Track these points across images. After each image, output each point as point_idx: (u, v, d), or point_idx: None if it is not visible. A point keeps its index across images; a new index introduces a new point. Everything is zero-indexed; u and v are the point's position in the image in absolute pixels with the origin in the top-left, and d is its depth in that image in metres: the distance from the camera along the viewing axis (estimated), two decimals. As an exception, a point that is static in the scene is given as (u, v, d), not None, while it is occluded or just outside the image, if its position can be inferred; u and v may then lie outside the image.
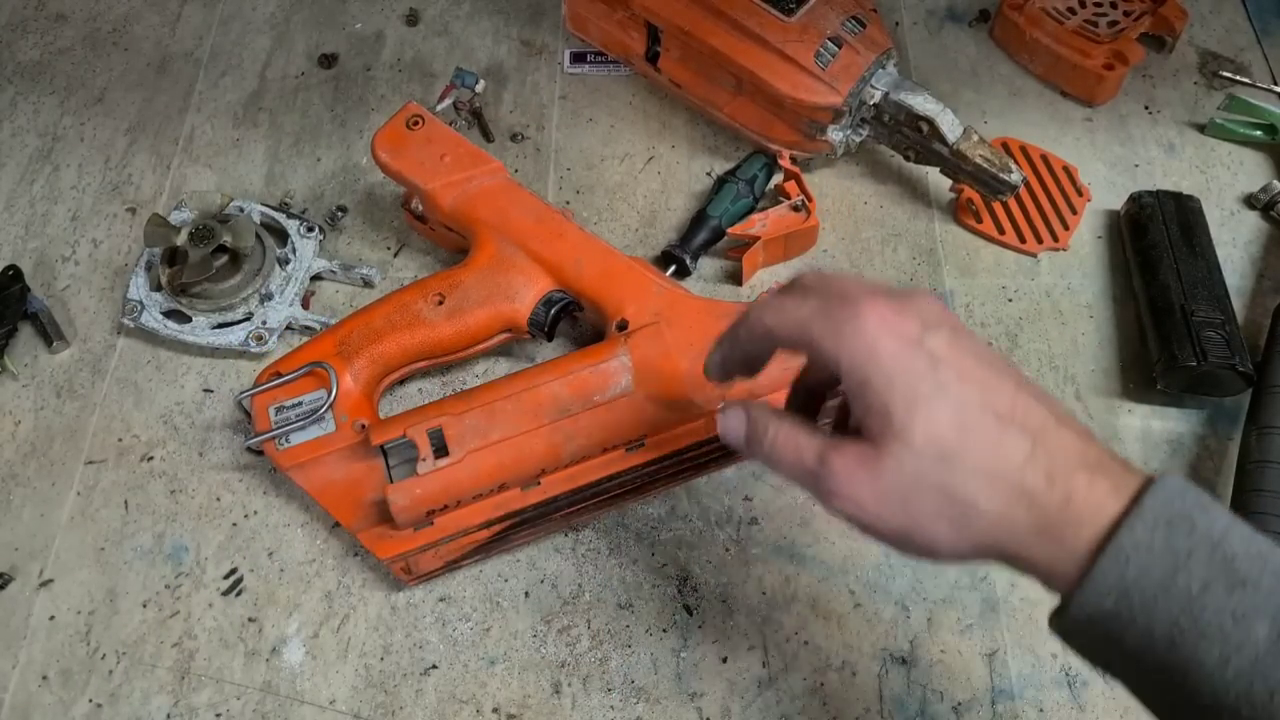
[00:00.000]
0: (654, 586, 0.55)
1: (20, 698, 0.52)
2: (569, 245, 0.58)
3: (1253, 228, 0.68)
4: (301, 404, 0.55)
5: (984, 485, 0.33)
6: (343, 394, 0.55)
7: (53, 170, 0.71)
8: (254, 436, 0.54)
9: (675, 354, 0.54)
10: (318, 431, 0.54)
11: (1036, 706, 0.52)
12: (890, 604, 0.55)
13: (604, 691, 0.52)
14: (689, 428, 0.54)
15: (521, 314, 0.58)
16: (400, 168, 0.61)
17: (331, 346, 0.56)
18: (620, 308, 0.56)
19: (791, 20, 0.63)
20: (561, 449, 0.52)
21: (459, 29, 0.78)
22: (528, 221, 0.59)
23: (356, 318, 0.58)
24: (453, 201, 0.60)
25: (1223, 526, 0.31)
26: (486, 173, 0.60)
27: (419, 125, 0.61)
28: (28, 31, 0.78)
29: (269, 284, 0.63)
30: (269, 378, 0.55)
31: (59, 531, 0.57)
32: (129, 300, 0.62)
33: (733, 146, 0.71)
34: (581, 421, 0.52)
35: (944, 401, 0.33)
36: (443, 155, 0.60)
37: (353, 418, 0.54)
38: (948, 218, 0.69)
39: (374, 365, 0.56)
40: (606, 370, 0.53)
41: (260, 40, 0.77)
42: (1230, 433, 0.60)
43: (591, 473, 0.53)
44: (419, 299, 0.57)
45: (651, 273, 0.58)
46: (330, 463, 0.54)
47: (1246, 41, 0.78)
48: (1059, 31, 0.72)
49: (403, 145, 0.61)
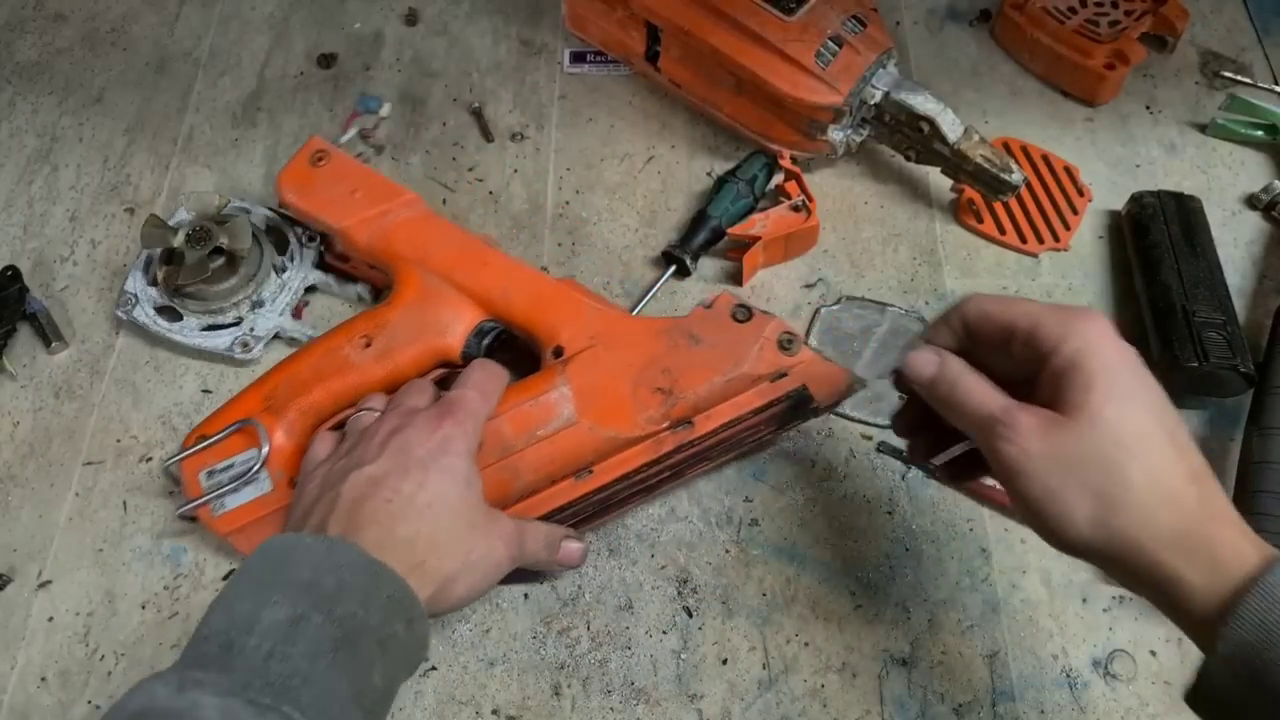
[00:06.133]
0: (654, 587, 0.55)
1: (19, 699, 0.52)
2: (495, 273, 0.57)
3: (1254, 228, 0.68)
4: (233, 465, 0.53)
5: (1145, 480, 0.36)
6: (276, 450, 0.53)
7: (51, 170, 0.71)
8: (185, 505, 0.53)
9: (615, 377, 0.53)
10: (253, 493, 0.53)
11: (1037, 708, 0.52)
12: (891, 605, 0.54)
13: (604, 693, 0.52)
14: (637, 450, 0.53)
15: (454, 347, 0.56)
16: (309, 208, 0.58)
17: (259, 402, 0.55)
18: (554, 334, 0.55)
19: (792, 20, 0.63)
20: (509, 487, 0.51)
21: (458, 29, 0.78)
22: (450, 252, 0.57)
23: (282, 369, 0.56)
24: (369, 238, 0.58)
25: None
26: (402, 205, 0.58)
27: (324, 160, 0.59)
28: (26, 31, 0.78)
29: (262, 291, 0.62)
30: (195, 440, 0.54)
31: (57, 532, 0.56)
32: (125, 292, 0.62)
33: (733, 146, 0.71)
34: (527, 457, 0.51)
35: (1140, 404, 0.38)
36: (353, 190, 0.59)
37: (289, 474, 0.53)
38: (948, 218, 0.68)
39: (305, 417, 0.54)
40: (547, 402, 0.52)
41: (259, 40, 0.77)
42: (1231, 433, 0.59)
43: (543, 504, 0.53)
44: (345, 343, 0.56)
45: (583, 294, 0.57)
46: (271, 523, 0.52)
47: (1248, 41, 0.78)
48: (1060, 31, 0.72)
49: (310, 184, 0.59)
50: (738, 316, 0.54)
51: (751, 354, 0.53)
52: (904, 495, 0.58)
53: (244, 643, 0.36)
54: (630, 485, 0.53)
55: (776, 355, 0.53)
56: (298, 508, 0.47)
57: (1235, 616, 0.33)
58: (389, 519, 0.43)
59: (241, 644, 0.36)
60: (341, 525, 0.43)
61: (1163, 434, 0.37)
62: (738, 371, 0.53)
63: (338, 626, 0.38)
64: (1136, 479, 0.36)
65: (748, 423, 0.54)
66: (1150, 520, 0.36)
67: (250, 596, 0.39)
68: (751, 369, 0.53)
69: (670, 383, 0.53)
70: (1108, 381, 0.38)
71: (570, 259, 0.66)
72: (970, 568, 0.55)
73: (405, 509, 0.44)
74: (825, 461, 0.59)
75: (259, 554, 0.41)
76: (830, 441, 0.59)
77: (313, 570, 0.39)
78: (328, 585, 0.39)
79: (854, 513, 0.57)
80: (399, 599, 0.40)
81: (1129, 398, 0.38)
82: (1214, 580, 0.35)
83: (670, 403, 0.52)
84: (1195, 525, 0.36)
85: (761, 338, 0.54)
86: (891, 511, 0.57)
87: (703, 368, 0.53)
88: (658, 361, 0.53)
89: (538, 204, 0.69)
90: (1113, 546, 0.37)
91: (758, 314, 0.55)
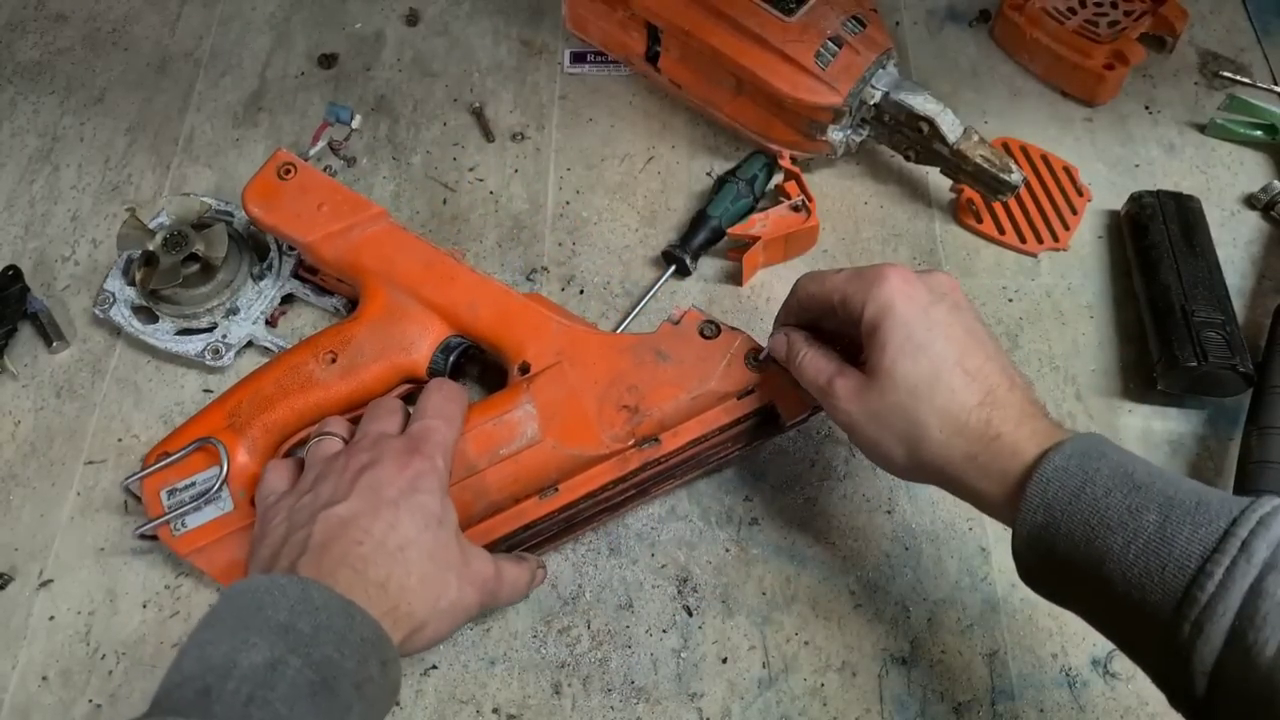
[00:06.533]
0: (654, 586, 0.55)
1: (20, 698, 0.52)
2: (461, 289, 0.56)
3: (1253, 228, 0.68)
4: (194, 484, 0.53)
5: (936, 419, 0.43)
6: (238, 469, 0.52)
7: (52, 170, 0.71)
8: (145, 523, 0.52)
9: (580, 394, 0.53)
10: (215, 512, 0.52)
11: (1037, 707, 0.52)
12: (890, 604, 0.55)
13: (604, 692, 0.52)
14: (603, 468, 0.53)
15: (420, 364, 0.56)
16: (275, 222, 0.58)
17: (221, 419, 0.54)
18: (520, 349, 0.55)
19: (791, 20, 0.63)
20: (473, 506, 0.51)
21: (459, 29, 0.78)
22: (416, 267, 0.57)
23: (245, 385, 0.55)
24: (336, 252, 0.57)
25: (1131, 457, 0.40)
26: (368, 219, 0.58)
27: (291, 174, 0.59)
28: (27, 31, 0.78)
29: (238, 298, 0.61)
30: (156, 458, 0.53)
31: (59, 532, 0.57)
32: (104, 290, 0.62)
33: (733, 146, 0.71)
34: (490, 476, 0.51)
35: (927, 354, 0.44)
36: (320, 204, 0.58)
37: (251, 493, 0.52)
38: (948, 218, 0.68)
39: (269, 434, 0.54)
40: (512, 421, 0.52)
41: (260, 40, 0.77)
42: (1230, 433, 0.60)
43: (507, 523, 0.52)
44: (310, 359, 0.55)
45: (549, 309, 0.57)
46: (233, 543, 0.52)
47: (1247, 41, 0.78)
48: (1059, 31, 0.72)
49: (276, 197, 0.58)
50: (705, 333, 0.54)
51: (718, 370, 0.53)
52: (904, 495, 0.58)
53: (222, 688, 0.36)
54: (596, 503, 0.53)
55: (744, 372, 0.53)
56: (264, 547, 0.45)
57: (1021, 511, 0.40)
58: (361, 562, 0.42)
59: (219, 689, 0.36)
60: (313, 568, 0.42)
61: (954, 373, 0.43)
62: (704, 388, 0.53)
63: (315, 670, 0.37)
64: (929, 420, 0.43)
65: (714, 440, 0.54)
66: (946, 450, 0.43)
67: (225, 640, 0.38)
68: (718, 386, 0.53)
69: (636, 400, 0.52)
70: (898, 338, 0.44)
71: (570, 259, 0.66)
72: (970, 567, 0.56)
73: (376, 552, 0.43)
74: (825, 461, 0.59)
75: (230, 596, 0.40)
76: (830, 441, 0.60)
77: (289, 613, 0.39)
78: (304, 628, 0.38)
79: (854, 512, 0.57)
80: (374, 641, 0.40)
81: (919, 348, 0.44)
82: (1004, 486, 0.42)
83: (636, 420, 0.52)
84: (981, 447, 0.42)
85: (729, 354, 0.54)
86: (891, 511, 0.57)
87: (669, 384, 0.53)
88: (624, 378, 0.53)
89: (538, 204, 0.69)
90: (927, 474, 0.45)
91: (725, 330, 0.55)
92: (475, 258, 0.66)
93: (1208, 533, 0.35)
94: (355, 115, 0.71)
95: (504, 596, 0.49)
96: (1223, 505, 0.36)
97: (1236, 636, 0.34)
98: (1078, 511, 0.38)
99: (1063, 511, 0.39)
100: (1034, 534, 0.40)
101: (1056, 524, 0.39)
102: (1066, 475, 0.39)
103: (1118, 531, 0.37)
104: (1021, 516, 0.40)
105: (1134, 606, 0.37)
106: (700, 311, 0.55)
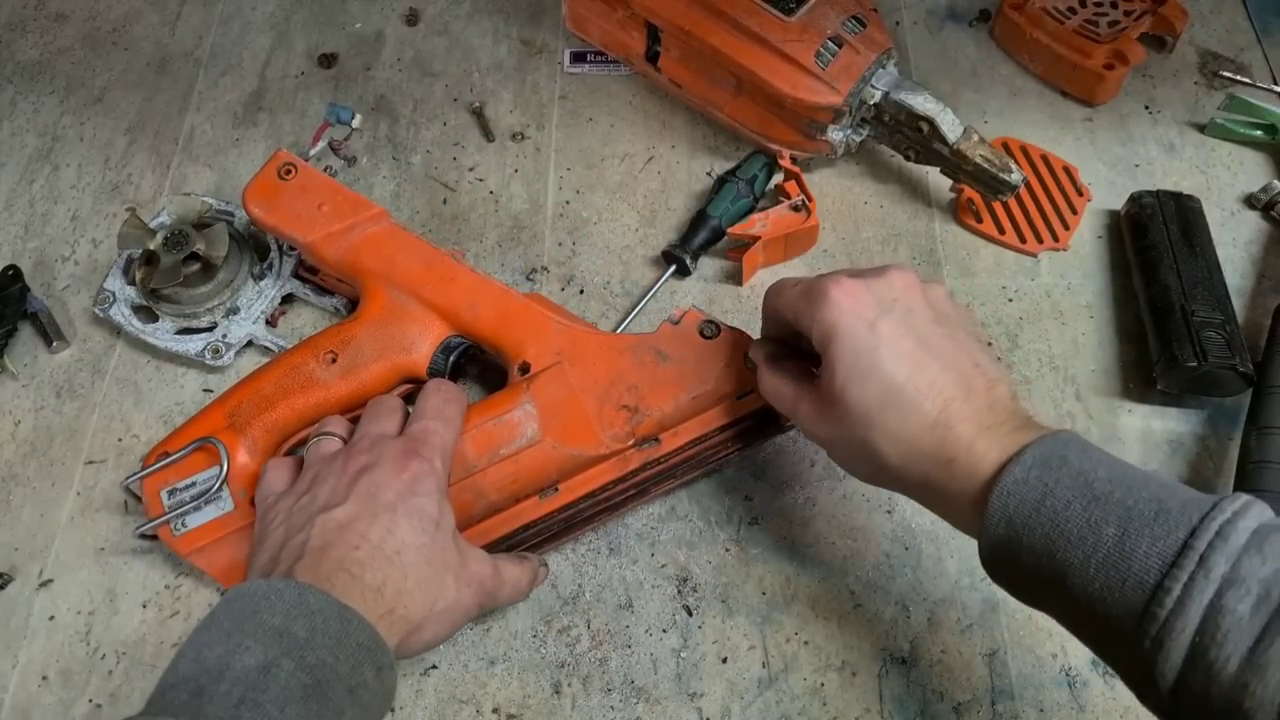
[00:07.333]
0: (654, 586, 0.55)
1: (20, 698, 0.52)
2: (462, 289, 0.56)
3: (1253, 228, 0.68)
4: (195, 484, 0.53)
5: (890, 446, 0.43)
6: (238, 469, 0.53)
7: (52, 170, 0.71)
8: (145, 523, 0.52)
9: (580, 394, 0.53)
10: (215, 512, 0.52)
11: (1036, 707, 0.52)
12: (890, 604, 0.55)
13: (604, 692, 0.52)
14: (602, 468, 0.53)
15: (420, 364, 0.56)
16: (275, 222, 0.58)
17: (222, 419, 0.54)
18: (521, 350, 0.55)
19: (792, 20, 0.63)
20: (472, 507, 0.51)
21: (459, 29, 0.78)
22: (417, 267, 0.57)
23: (245, 385, 0.55)
24: (336, 253, 0.57)
25: (1094, 461, 0.39)
26: (369, 219, 0.58)
27: (292, 174, 0.59)
28: (27, 31, 0.78)
29: (238, 298, 0.62)
30: (157, 458, 0.53)
31: (59, 531, 0.57)
32: (104, 289, 0.62)
33: (733, 146, 0.71)
34: (490, 477, 0.51)
35: (875, 377, 0.43)
36: (320, 204, 0.58)
37: (251, 493, 0.52)
38: (948, 218, 0.69)
39: (269, 434, 0.54)
40: (511, 421, 0.52)
41: (260, 40, 0.77)
42: (1230, 433, 0.60)
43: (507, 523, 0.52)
44: (310, 359, 0.55)
45: (549, 309, 0.57)
46: (233, 543, 0.52)
47: (1247, 41, 0.78)
48: (1059, 31, 0.72)
49: (276, 197, 0.58)
50: (705, 333, 0.54)
51: (718, 370, 0.53)
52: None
53: (214, 689, 0.36)
54: (596, 503, 0.53)
55: (743, 372, 0.53)
56: (263, 550, 0.45)
57: (984, 525, 0.40)
58: (358, 566, 0.42)
59: (211, 690, 0.36)
60: (310, 572, 0.42)
61: (904, 395, 0.42)
62: (704, 389, 0.53)
63: (309, 674, 0.37)
64: (884, 446, 0.43)
65: (714, 440, 0.54)
66: (904, 473, 0.43)
67: (220, 643, 0.38)
68: (718, 386, 0.53)
69: (636, 400, 0.52)
70: (846, 362, 0.43)
71: (570, 259, 0.66)
72: (969, 566, 0.56)
73: (373, 556, 0.43)
74: (825, 461, 0.59)
75: (228, 600, 0.40)
76: (830, 441, 0.60)
77: (284, 616, 0.39)
78: (299, 632, 0.38)
79: (853, 512, 0.57)
80: (369, 646, 0.40)
81: (867, 372, 0.43)
82: (965, 502, 0.41)
83: (636, 420, 0.52)
84: (938, 469, 0.42)
85: (729, 354, 0.54)
86: (891, 511, 0.57)
87: (669, 385, 0.53)
88: (624, 378, 0.53)
89: (538, 204, 0.69)
90: (894, 489, 0.45)
91: (725, 330, 0.54)
92: (475, 258, 0.66)
93: (1165, 546, 0.35)
94: (355, 115, 0.71)
95: (504, 597, 0.49)
96: (1182, 513, 0.36)
97: (1197, 653, 0.33)
98: (1038, 525, 0.38)
99: (1024, 525, 0.38)
100: (998, 547, 0.40)
101: (1019, 537, 0.39)
102: (1026, 488, 0.39)
103: (1077, 546, 0.37)
104: (984, 530, 0.40)
105: (1099, 618, 0.37)
106: (700, 311, 0.55)
